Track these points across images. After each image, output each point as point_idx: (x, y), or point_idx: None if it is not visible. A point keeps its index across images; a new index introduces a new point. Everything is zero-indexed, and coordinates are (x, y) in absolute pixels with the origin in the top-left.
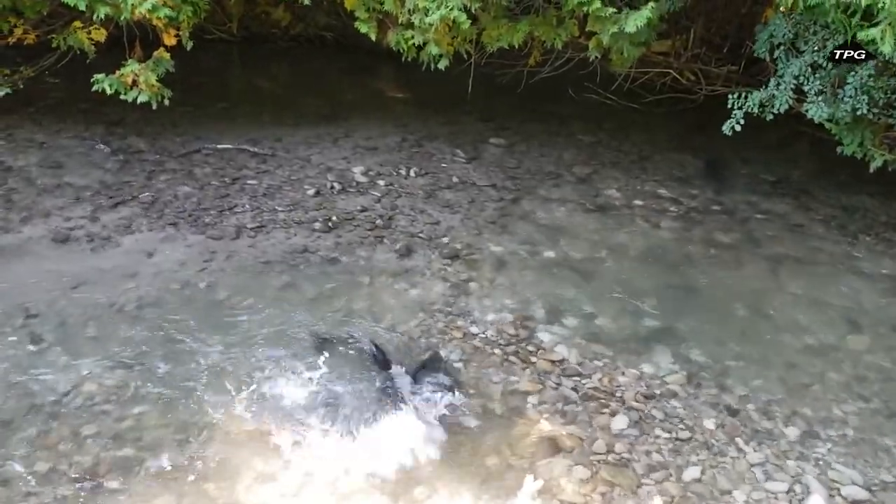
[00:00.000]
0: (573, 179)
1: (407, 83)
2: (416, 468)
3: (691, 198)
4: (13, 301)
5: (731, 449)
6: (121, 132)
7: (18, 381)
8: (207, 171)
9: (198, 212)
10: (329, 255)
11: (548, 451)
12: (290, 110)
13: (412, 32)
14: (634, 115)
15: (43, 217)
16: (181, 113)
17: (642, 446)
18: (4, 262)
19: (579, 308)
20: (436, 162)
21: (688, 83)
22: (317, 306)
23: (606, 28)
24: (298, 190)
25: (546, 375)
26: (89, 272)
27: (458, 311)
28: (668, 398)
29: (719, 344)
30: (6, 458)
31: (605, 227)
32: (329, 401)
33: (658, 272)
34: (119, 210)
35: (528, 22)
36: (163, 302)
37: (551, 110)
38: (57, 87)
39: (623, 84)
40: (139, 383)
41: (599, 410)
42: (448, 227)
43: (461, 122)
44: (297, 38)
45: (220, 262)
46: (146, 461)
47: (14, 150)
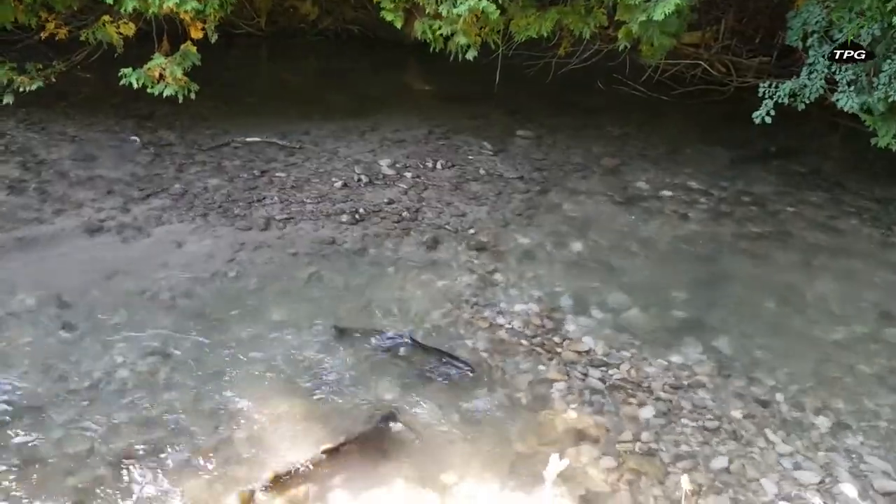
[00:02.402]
0: (601, 171)
1: (434, 76)
2: (444, 456)
3: (721, 189)
4: (47, 290)
5: (760, 439)
6: (151, 126)
7: (54, 368)
8: (236, 164)
9: (227, 203)
10: (356, 247)
11: (574, 440)
12: (318, 104)
13: (439, 23)
14: (664, 107)
15: (76, 209)
16: (211, 107)
17: (669, 436)
18: (39, 252)
19: (606, 299)
20: (462, 154)
21: (718, 75)
22: (344, 297)
23: (635, 16)
24: (326, 182)
25: (572, 366)
26: (121, 262)
27: (485, 302)
28: (696, 389)
29: (749, 335)
30: (43, 440)
31: (633, 218)
32: (352, 386)
33: (687, 264)
34: (150, 202)
35: (556, 11)
36: (193, 291)
37: (579, 102)
38: (88, 81)
39: (652, 76)
40: (170, 370)
41: (626, 400)
42: (475, 219)
43: (488, 114)
44: (324, 32)
45: (249, 252)
46: (177, 446)
47: (47, 143)
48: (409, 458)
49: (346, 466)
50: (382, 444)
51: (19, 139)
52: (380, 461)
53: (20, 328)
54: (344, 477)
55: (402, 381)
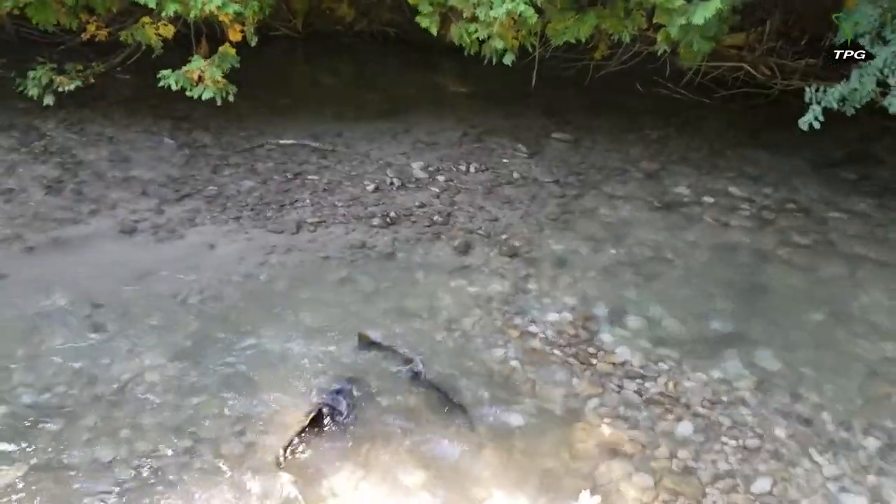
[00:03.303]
0: (640, 175)
1: (469, 78)
2: (471, 469)
3: (764, 196)
4: (80, 291)
5: (805, 460)
6: (187, 127)
7: (82, 370)
8: (270, 166)
9: (260, 206)
10: (386, 251)
11: (608, 456)
12: (352, 106)
13: (475, 26)
14: (705, 111)
15: (111, 209)
16: (246, 108)
17: (708, 454)
18: (73, 252)
19: (644, 309)
20: (496, 157)
21: (762, 78)
22: (373, 301)
23: (674, 20)
24: (358, 185)
25: (607, 378)
26: (154, 264)
27: (517, 310)
28: (737, 405)
29: (792, 349)
30: (69, 444)
31: (672, 225)
32: (381, 395)
33: (728, 273)
34: (184, 203)
35: (594, 14)
36: (223, 294)
37: (618, 105)
38: (128, 82)
39: (693, 78)
40: (199, 374)
41: (663, 416)
42: (507, 224)
43: (524, 116)
44: (360, 34)
45: (280, 255)
46: (203, 451)
47: (85, 143)
48: (436, 469)
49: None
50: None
51: (59, 140)
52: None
53: (52, 328)
54: (366, 485)
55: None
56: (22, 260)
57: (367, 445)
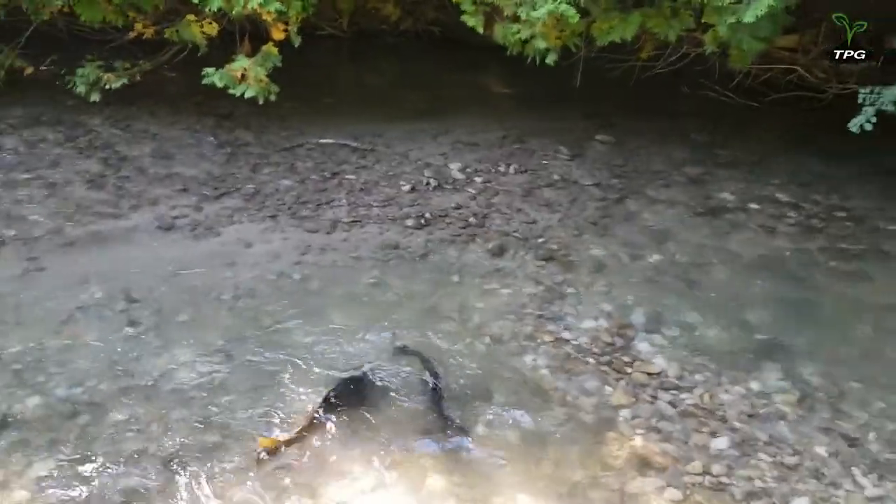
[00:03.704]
0: (684, 180)
1: (513, 78)
2: (497, 477)
3: (813, 203)
4: (117, 285)
5: (847, 481)
6: (230, 125)
7: (115, 363)
8: (309, 165)
9: (297, 205)
10: (420, 252)
11: (638, 469)
12: (394, 106)
13: (518, 26)
14: (754, 114)
15: (151, 205)
16: (288, 107)
17: (743, 470)
18: (112, 247)
19: (683, 317)
20: (537, 159)
21: (816, 81)
22: (405, 303)
23: (723, 19)
24: (394, 186)
25: (642, 388)
26: (190, 260)
27: (551, 315)
28: (776, 420)
29: (838, 363)
30: (98, 437)
31: (715, 231)
32: (407, 400)
33: (772, 282)
34: (223, 201)
35: (640, 14)
36: (257, 292)
37: (664, 107)
38: (173, 80)
39: (743, 81)
40: (229, 371)
41: (698, 428)
42: (545, 227)
43: (566, 118)
44: (405, 34)
45: (315, 254)
46: (231, 448)
47: (130, 140)
48: (460, 476)
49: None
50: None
51: (104, 135)
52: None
53: (87, 321)
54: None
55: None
56: (61, 253)
57: (385, 445)
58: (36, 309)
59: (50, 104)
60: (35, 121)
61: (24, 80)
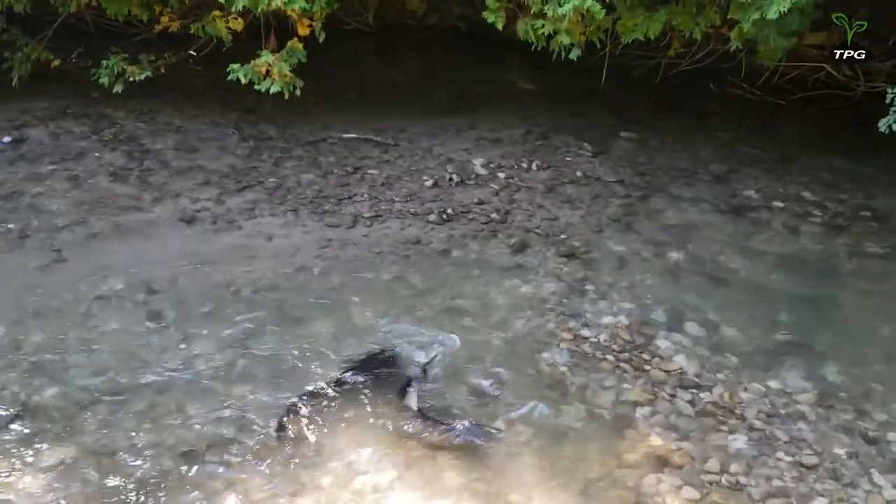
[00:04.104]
0: (708, 178)
1: (538, 75)
2: (513, 473)
3: (839, 202)
4: (138, 277)
5: (865, 481)
6: (253, 119)
7: (134, 354)
8: (331, 160)
9: (318, 199)
10: (441, 248)
11: (655, 467)
12: (418, 101)
13: (542, 22)
14: (781, 112)
15: (173, 198)
16: (312, 102)
17: (761, 469)
18: (134, 239)
19: (704, 315)
20: (560, 155)
21: (844, 79)
22: (425, 298)
23: (748, 15)
24: (417, 181)
25: (660, 386)
26: (211, 253)
27: (571, 312)
28: (795, 419)
29: (859, 364)
30: (114, 428)
31: (739, 229)
32: (424, 393)
33: (795, 281)
34: (244, 194)
35: (666, 11)
36: (277, 285)
37: (689, 104)
38: (199, 74)
39: (770, 79)
40: (247, 363)
41: (716, 427)
42: (567, 224)
43: (591, 114)
44: (431, 29)
45: (335, 249)
46: (245, 441)
47: (154, 133)
48: (477, 471)
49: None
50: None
51: (128, 128)
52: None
53: (108, 313)
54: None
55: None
56: (84, 244)
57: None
58: (57, 299)
59: (76, 97)
60: (61, 113)
61: (51, 73)
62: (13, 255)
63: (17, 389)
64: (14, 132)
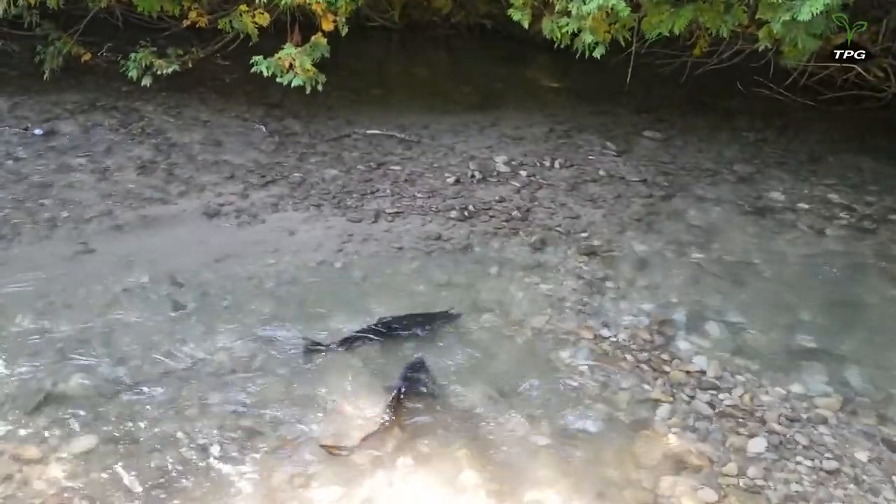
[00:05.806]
0: (733, 178)
1: (563, 73)
2: (529, 472)
3: (866, 205)
4: (162, 269)
5: (886, 488)
6: (279, 114)
7: (156, 346)
8: (355, 156)
9: (341, 194)
10: (462, 244)
11: (673, 469)
12: (442, 98)
13: (567, 20)
14: (809, 113)
15: (198, 192)
16: (337, 98)
17: (780, 473)
18: (159, 231)
19: (725, 317)
20: (583, 154)
21: (874, 80)
22: (445, 295)
23: (778, 15)
24: (439, 178)
25: (679, 387)
26: (234, 246)
27: (591, 311)
28: (816, 423)
29: (883, 368)
30: (138, 417)
31: (763, 231)
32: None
33: (819, 284)
34: (269, 189)
35: (692, 8)
36: (299, 279)
37: (715, 104)
38: (226, 68)
39: (798, 79)
40: (267, 357)
41: (735, 430)
42: (588, 222)
43: (615, 113)
44: (456, 26)
45: (357, 244)
46: (265, 433)
47: (181, 127)
48: (492, 469)
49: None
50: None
51: (156, 122)
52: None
53: (132, 304)
54: (417, 479)
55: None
56: (110, 236)
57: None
58: (84, 290)
59: (105, 90)
60: (91, 106)
61: (82, 67)
62: (42, 246)
63: (43, 377)
64: (45, 124)
